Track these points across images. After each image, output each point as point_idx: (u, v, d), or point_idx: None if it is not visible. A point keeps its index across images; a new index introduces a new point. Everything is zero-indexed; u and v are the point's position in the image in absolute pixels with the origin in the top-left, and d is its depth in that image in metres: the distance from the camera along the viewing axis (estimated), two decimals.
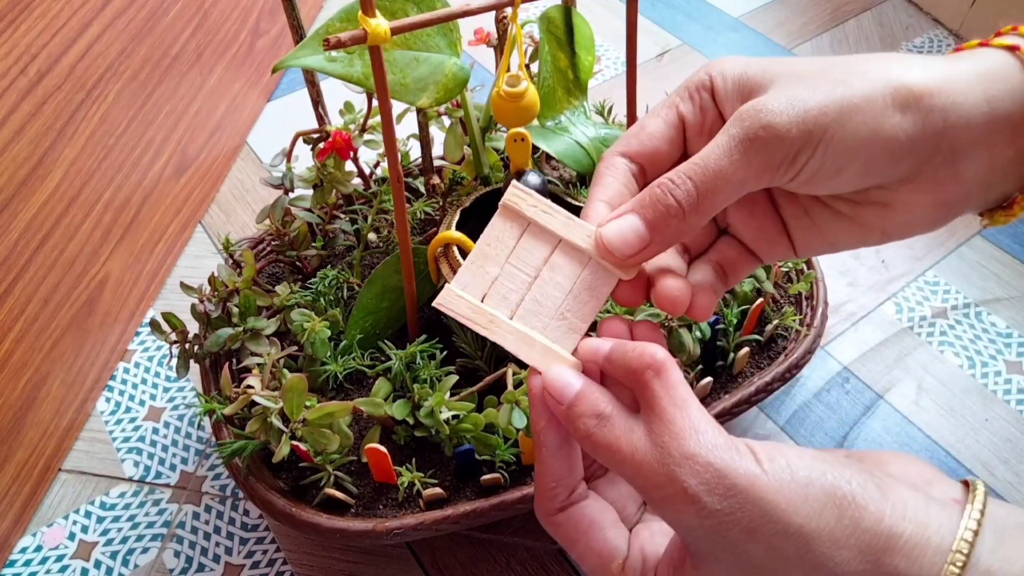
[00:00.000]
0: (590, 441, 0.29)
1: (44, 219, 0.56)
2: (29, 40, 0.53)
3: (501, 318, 0.31)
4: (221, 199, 0.79)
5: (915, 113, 0.28)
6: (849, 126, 0.28)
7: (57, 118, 0.56)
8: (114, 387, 0.65)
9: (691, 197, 0.29)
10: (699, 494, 0.27)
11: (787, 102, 0.28)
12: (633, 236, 0.30)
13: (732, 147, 0.29)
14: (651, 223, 0.30)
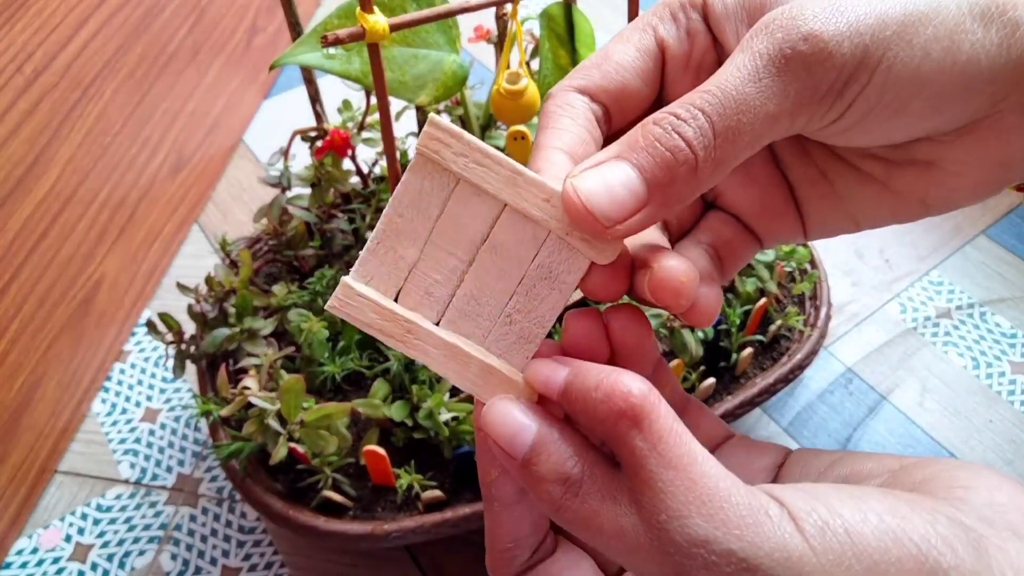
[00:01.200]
0: (558, 516, 0.20)
1: (40, 218, 0.56)
2: (25, 38, 0.52)
3: (423, 325, 0.22)
4: (218, 198, 0.79)
5: (1000, 27, 0.20)
6: (917, 43, 0.20)
7: (53, 116, 0.56)
8: (110, 388, 0.65)
9: (706, 137, 0.20)
10: None
11: (832, 7, 0.20)
12: (626, 192, 0.20)
13: (760, 68, 0.20)
14: (650, 174, 0.20)
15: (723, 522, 0.19)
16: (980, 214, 0.74)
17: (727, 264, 0.25)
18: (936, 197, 0.24)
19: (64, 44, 0.56)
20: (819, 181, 0.25)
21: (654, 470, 0.19)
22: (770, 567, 0.18)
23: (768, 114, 0.20)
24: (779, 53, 0.20)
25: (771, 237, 0.26)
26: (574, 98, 0.23)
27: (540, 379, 0.21)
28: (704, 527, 0.19)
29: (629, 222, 0.20)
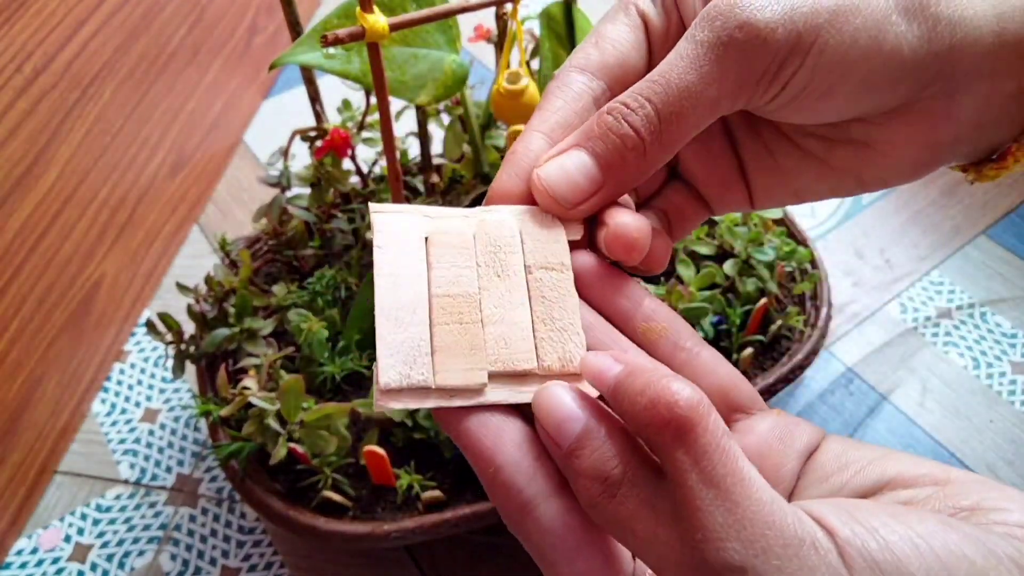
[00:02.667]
0: (593, 512, 0.20)
1: (39, 218, 0.56)
2: (25, 38, 0.52)
3: (476, 384, 0.21)
4: (217, 198, 0.79)
5: (921, 22, 0.23)
6: (846, 31, 0.22)
7: (52, 116, 0.56)
8: (110, 388, 0.65)
9: (652, 124, 0.22)
10: None
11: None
12: (581, 177, 0.23)
13: (700, 56, 0.22)
14: (604, 159, 0.23)
15: (763, 550, 0.18)
16: (980, 214, 0.74)
17: (676, 227, 0.27)
18: (871, 175, 0.26)
19: (63, 44, 0.56)
20: (765, 157, 0.27)
21: (695, 487, 0.18)
22: None
23: (709, 98, 0.22)
24: (717, 41, 0.22)
25: (721, 205, 0.28)
26: (572, 78, 0.25)
27: (593, 371, 0.21)
28: (742, 553, 0.18)
29: (590, 202, 0.23)
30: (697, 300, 0.49)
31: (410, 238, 0.23)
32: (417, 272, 0.22)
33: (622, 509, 0.19)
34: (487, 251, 0.23)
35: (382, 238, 0.22)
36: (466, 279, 0.23)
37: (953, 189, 0.76)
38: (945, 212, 0.75)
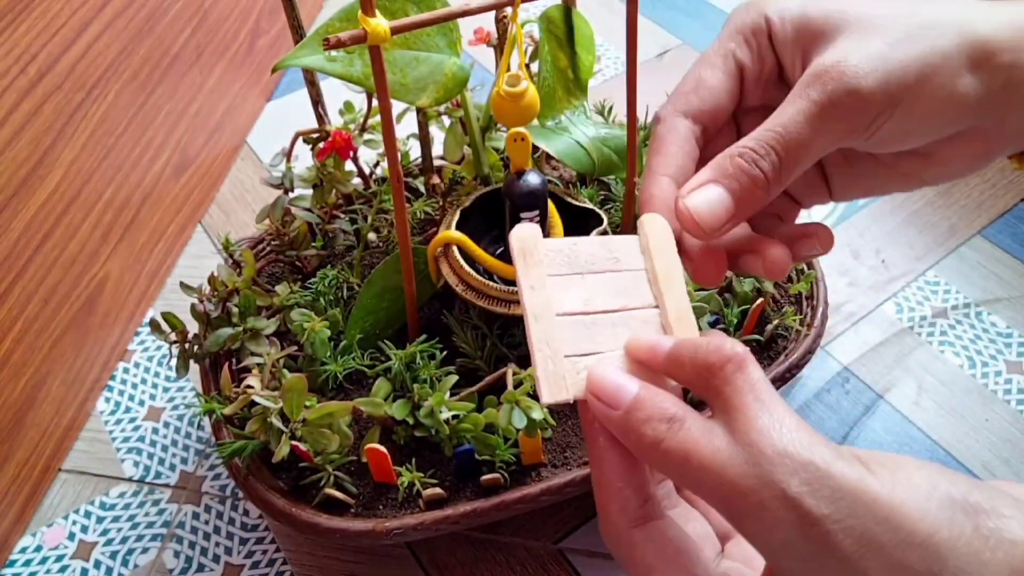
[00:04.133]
0: (658, 450, 0.24)
1: (44, 219, 0.56)
2: (29, 40, 0.53)
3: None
4: (221, 199, 0.79)
5: (985, 73, 0.27)
6: (928, 88, 0.27)
7: (57, 118, 0.56)
8: (114, 387, 0.65)
9: (775, 167, 0.27)
10: (801, 495, 0.22)
11: (869, 61, 0.26)
12: (721, 207, 0.28)
13: (814, 113, 0.27)
14: (738, 195, 0.28)
15: (808, 436, 0.23)
16: (976, 215, 0.75)
17: (786, 223, 0.35)
18: (932, 176, 0.31)
19: (68, 46, 0.57)
20: (844, 164, 0.33)
21: (749, 403, 0.24)
22: (842, 478, 0.22)
23: (820, 146, 0.28)
24: (828, 102, 0.27)
25: (807, 201, 0.35)
26: (679, 122, 0.30)
27: (644, 348, 0.27)
28: (791, 437, 0.23)
29: (725, 227, 0.28)
30: (695, 300, 0.50)
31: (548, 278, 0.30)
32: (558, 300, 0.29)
33: (688, 437, 0.24)
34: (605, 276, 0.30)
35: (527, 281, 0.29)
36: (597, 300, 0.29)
37: (949, 190, 0.77)
38: (941, 212, 0.75)
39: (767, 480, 0.22)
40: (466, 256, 0.51)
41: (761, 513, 0.22)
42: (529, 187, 0.48)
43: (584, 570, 0.54)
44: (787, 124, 0.27)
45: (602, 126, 0.55)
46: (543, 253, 0.29)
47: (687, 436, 0.24)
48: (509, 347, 0.54)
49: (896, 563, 0.21)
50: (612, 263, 0.30)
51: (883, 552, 0.21)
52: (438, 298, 0.57)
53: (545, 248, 0.29)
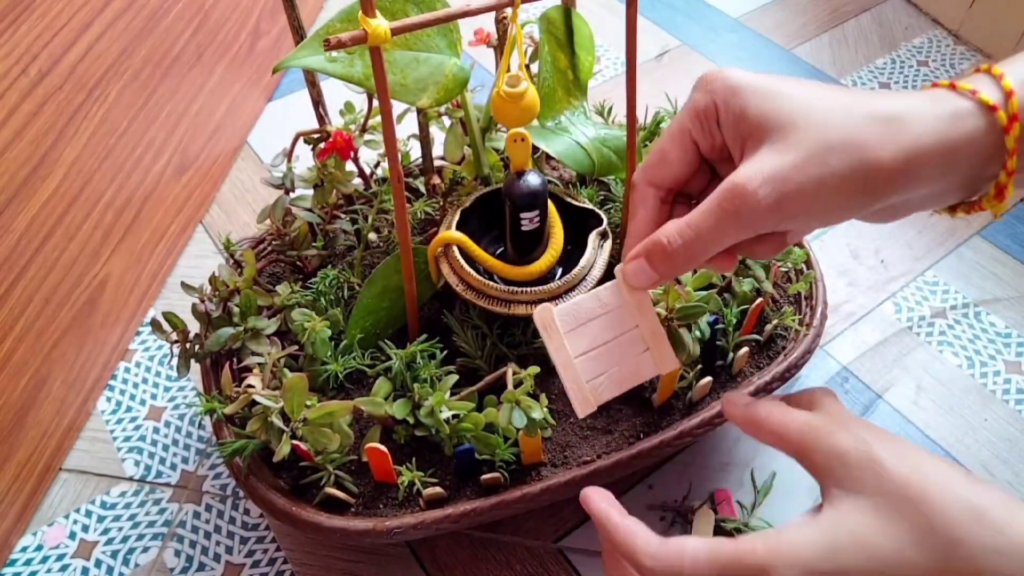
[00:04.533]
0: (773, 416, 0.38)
1: (45, 219, 0.56)
2: (30, 40, 0.53)
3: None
4: (222, 199, 0.79)
5: (877, 195, 0.33)
6: (820, 204, 0.33)
7: (58, 118, 0.56)
8: (115, 386, 0.65)
9: (684, 252, 0.36)
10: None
11: (770, 182, 0.33)
12: (643, 275, 0.38)
13: (721, 219, 0.34)
14: (657, 269, 0.37)
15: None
16: (975, 215, 0.75)
17: None
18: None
19: (69, 46, 0.57)
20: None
21: (827, 403, 0.39)
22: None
23: (722, 240, 0.35)
24: (733, 213, 0.34)
25: None
26: (648, 191, 0.39)
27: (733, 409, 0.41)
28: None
29: (651, 286, 0.38)
30: (694, 300, 0.50)
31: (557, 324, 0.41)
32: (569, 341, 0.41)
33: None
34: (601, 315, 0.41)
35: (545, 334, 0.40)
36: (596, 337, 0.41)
37: None
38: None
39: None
40: (466, 256, 0.52)
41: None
42: (529, 187, 0.48)
43: (584, 569, 0.54)
44: (699, 223, 0.35)
45: (602, 126, 0.55)
46: (557, 320, 0.40)
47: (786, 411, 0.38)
48: (509, 347, 0.54)
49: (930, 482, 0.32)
50: (603, 308, 0.41)
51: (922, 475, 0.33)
52: (438, 298, 0.57)
53: (557, 316, 0.40)
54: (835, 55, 0.93)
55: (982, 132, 0.33)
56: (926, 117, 0.33)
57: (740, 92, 0.35)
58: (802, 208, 0.33)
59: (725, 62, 0.93)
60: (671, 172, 0.38)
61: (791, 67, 0.92)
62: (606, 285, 0.41)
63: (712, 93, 0.36)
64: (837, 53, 0.93)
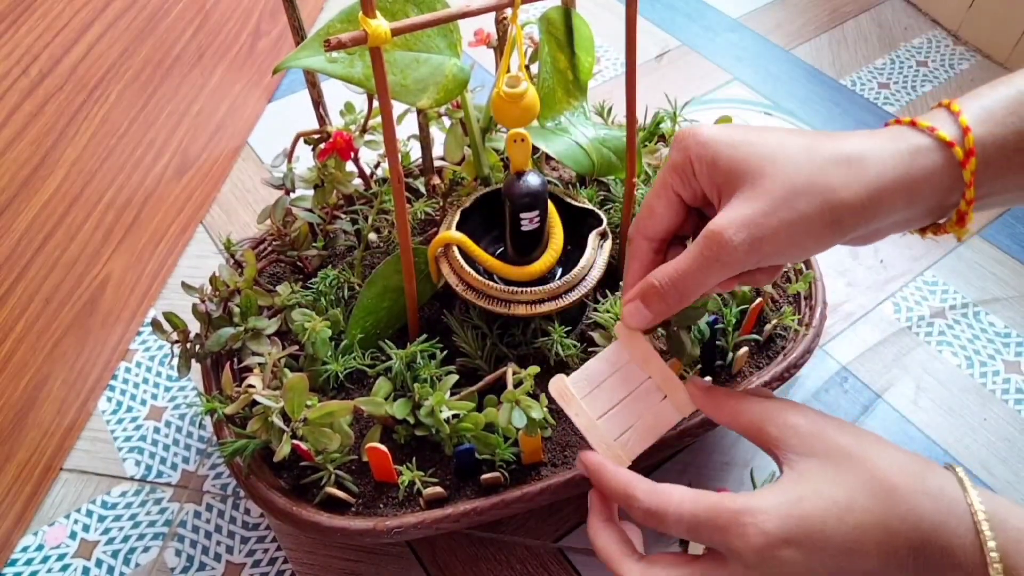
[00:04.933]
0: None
1: (46, 219, 0.56)
2: (31, 41, 0.53)
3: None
4: (222, 199, 0.80)
5: (845, 230, 0.36)
6: (793, 243, 0.36)
7: (59, 119, 0.56)
8: (115, 386, 0.66)
9: (673, 293, 0.39)
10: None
11: (744, 228, 0.36)
12: (639, 315, 0.41)
13: (702, 263, 0.38)
14: (652, 308, 0.41)
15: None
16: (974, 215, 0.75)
17: None
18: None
19: (69, 47, 0.57)
20: None
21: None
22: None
23: (706, 282, 0.38)
24: (713, 258, 0.37)
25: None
26: (641, 243, 0.42)
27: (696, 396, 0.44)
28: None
29: (647, 324, 0.41)
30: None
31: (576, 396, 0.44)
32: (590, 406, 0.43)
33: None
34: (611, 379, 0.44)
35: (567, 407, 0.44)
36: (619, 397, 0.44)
37: None
38: None
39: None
40: (466, 256, 0.52)
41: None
42: (529, 188, 0.48)
43: (584, 568, 0.54)
44: (685, 267, 0.38)
45: (601, 127, 0.55)
46: (571, 388, 0.43)
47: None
48: (509, 347, 0.54)
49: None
50: (612, 367, 0.44)
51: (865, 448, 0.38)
52: (438, 298, 0.57)
53: (571, 384, 0.43)
54: (835, 55, 0.93)
55: (940, 166, 0.35)
56: (886, 154, 0.36)
57: (709, 146, 0.38)
58: (776, 248, 0.36)
59: (725, 62, 0.93)
60: (660, 224, 0.41)
61: (791, 67, 0.92)
62: (609, 346, 0.44)
63: (686, 150, 0.39)
64: (837, 53, 0.93)
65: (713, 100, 0.88)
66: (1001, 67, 0.90)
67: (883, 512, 0.35)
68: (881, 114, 0.86)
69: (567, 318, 0.55)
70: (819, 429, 0.38)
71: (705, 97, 0.89)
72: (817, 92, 0.89)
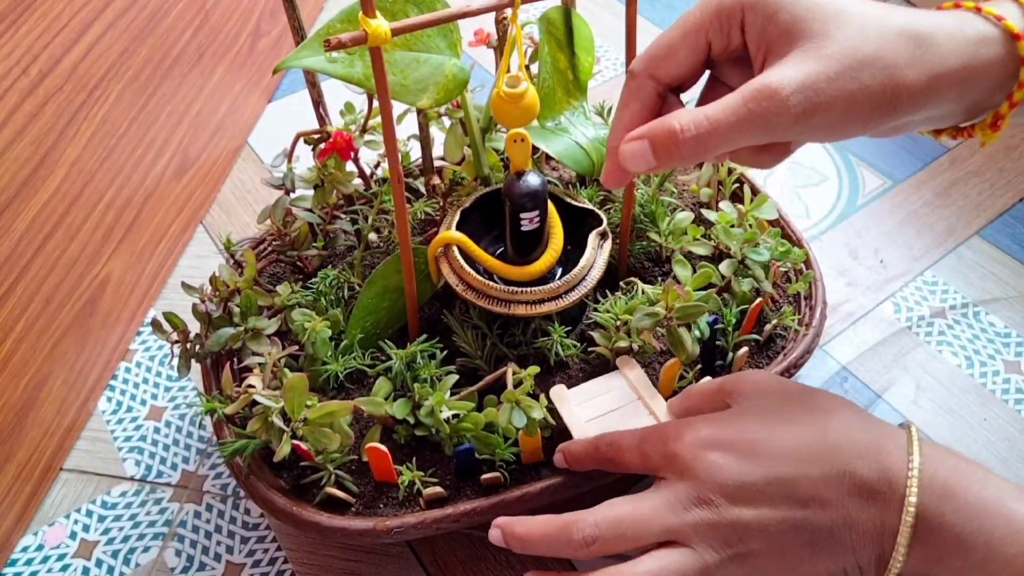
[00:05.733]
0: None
1: (46, 219, 0.56)
2: (30, 41, 0.53)
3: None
4: (222, 199, 0.80)
5: (897, 114, 0.34)
6: (846, 117, 0.33)
7: (59, 119, 0.56)
8: (115, 386, 0.66)
9: (694, 143, 0.34)
10: None
11: (802, 90, 0.32)
12: (643, 159, 0.36)
13: (744, 117, 0.33)
14: (659, 154, 0.35)
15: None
16: (974, 215, 0.75)
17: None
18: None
19: (69, 47, 0.57)
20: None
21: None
22: None
23: (738, 138, 0.34)
24: (757, 111, 0.33)
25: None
26: (647, 83, 0.37)
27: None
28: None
29: (649, 169, 0.36)
30: (694, 300, 0.50)
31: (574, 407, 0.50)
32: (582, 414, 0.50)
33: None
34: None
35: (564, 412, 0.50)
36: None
37: (947, 190, 0.77)
38: (939, 213, 0.75)
39: None
40: (466, 256, 0.52)
41: None
42: (529, 188, 0.48)
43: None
44: (719, 117, 0.33)
45: (601, 127, 0.55)
46: (570, 396, 0.50)
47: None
48: (509, 347, 0.54)
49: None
50: (607, 388, 0.50)
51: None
52: (438, 298, 0.57)
53: (570, 393, 0.50)
54: None
55: (1001, 59, 0.33)
56: (953, 40, 0.33)
57: None
58: (827, 120, 0.33)
59: None
60: (677, 69, 0.37)
61: None
62: (608, 374, 0.51)
63: None
64: None
65: None
66: None
67: (821, 431, 0.37)
68: None
69: (567, 318, 0.55)
70: (756, 378, 0.42)
71: None
72: None
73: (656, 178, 0.62)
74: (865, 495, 0.36)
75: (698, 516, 0.37)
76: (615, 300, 0.54)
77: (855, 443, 0.37)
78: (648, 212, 0.60)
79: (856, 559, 0.36)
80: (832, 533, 0.36)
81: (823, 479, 0.36)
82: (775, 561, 0.37)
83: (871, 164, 0.80)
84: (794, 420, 0.38)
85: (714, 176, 0.63)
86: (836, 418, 0.38)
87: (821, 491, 0.36)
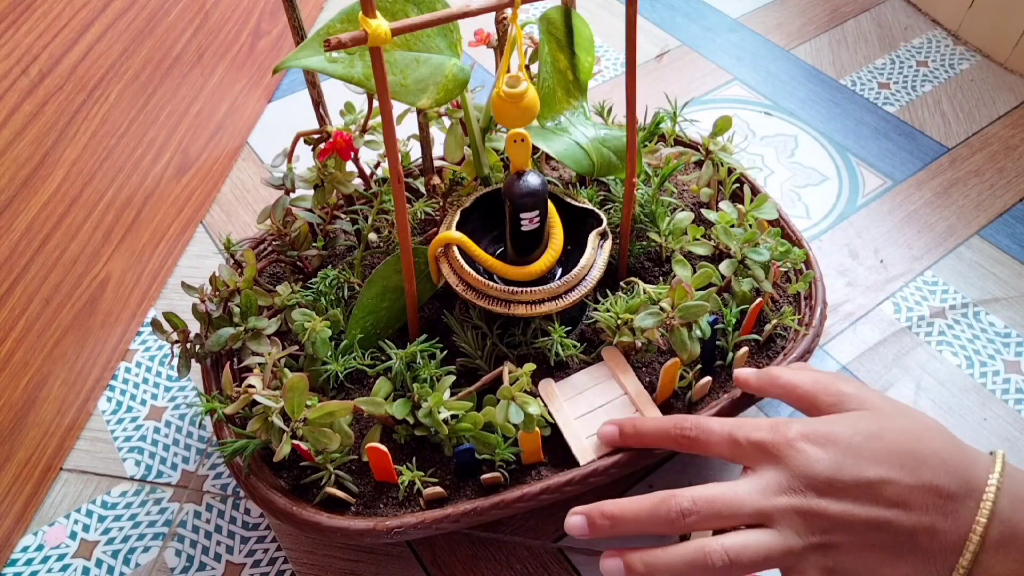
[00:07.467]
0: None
1: (45, 219, 0.56)
2: (30, 41, 0.53)
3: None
4: (222, 199, 0.80)
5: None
6: None
7: (58, 119, 0.57)
8: (115, 386, 0.66)
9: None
10: None
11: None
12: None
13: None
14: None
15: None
16: (974, 215, 0.75)
17: None
18: None
19: (69, 47, 0.57)
20: None
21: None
22: None
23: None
24: None
25: None
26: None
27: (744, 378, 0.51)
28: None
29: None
30: (695, 299, 0.50)
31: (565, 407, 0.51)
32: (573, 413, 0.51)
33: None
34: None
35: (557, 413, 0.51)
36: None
37: (947, 190, 0.77)
38: (939, 213, 0.75)
39: None
40: (466, 256, 0.52)
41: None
42: (529, 188, 0.48)
43: (584, 569, 0.54)
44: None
45: (601, 127, 0.55)
46: (558, 391, 0.51)
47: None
48: (509, 347, 0.54)
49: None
50: (594, 381, 0.52)
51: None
52: (438, 298, 0.57)
53: (558, 387, 0.51)
54: (835, 55, 0.93)
55: None
56: None
57: None
58: None
59: (725, 62, 0.93)
60: None
61: (791, 67, 0.92)
62: (595, 365, 0.52)
63: None
64: (836, 53, 0.93)
65: (713, 100, 0.88)
66: (1001, 67, 0.90)
67: (912, 438, 0.40)
68: (881, 114, 0.86)
69: (567, 318, 0.55)
70: (865, 394, 0.43)
71: (705, 97, 0.89)
72: (817, 92, 0.89)
73: (656, 178, 0.62)
74: (948, 506, 0.38)
75: (786, 501, 0.39)
76: (615, 300, 0.54)
77: (944, 460, 0.39)
78: (648, 212, 0.60)
79: (935, 568, 0.37)
80: (913, 537, 0.38)
81: (909, 486, 0.38)
82: (856, 557, 0.38)
83: (871, 164, 0.80)
84: (888, 429, 0.41)
85: (714, 176, 0.63)
86: (929, 435, 0.40)
87: (906, 496, 0.38)
